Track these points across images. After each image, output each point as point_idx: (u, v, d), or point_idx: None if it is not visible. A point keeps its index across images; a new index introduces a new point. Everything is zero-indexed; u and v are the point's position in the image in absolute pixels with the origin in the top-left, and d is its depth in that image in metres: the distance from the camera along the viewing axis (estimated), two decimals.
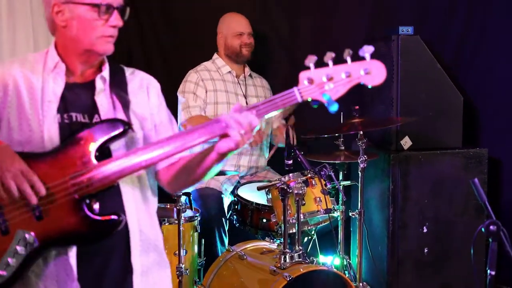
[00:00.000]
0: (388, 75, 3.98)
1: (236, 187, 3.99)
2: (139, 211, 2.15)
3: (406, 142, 4.02)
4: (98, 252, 2.08)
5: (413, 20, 4.37)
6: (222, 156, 2.02)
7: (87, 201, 2.02)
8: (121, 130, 2.06)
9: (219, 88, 4.27)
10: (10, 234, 2.00)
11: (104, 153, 2.06)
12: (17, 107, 2.09)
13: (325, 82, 1.93)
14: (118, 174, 2.01)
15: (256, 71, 4.56)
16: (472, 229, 4.06)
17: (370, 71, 1.93)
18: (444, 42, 4.40)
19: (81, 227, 2.00)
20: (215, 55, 4.42)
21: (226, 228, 3.95)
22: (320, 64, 1.95)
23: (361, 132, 3.65)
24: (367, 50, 1.93)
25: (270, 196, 3.51)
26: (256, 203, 3.70)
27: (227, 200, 4.08)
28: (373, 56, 1.94)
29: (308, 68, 1.95)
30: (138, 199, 2.16)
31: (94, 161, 2.02)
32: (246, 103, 4.27)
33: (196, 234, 3.68)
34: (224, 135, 1.97)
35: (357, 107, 3.60)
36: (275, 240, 3.67)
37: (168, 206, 3.78)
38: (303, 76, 1.95)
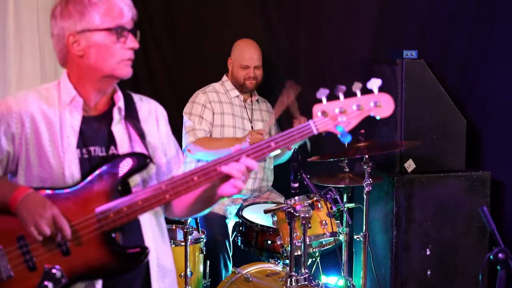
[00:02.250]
0: (392, 98, 4.06)
1: (240, 209, 4.01)
2: (156, 239, 2.17)
3: (410, 165, 4.06)
4: (120, 282, 2.09)
5: (416, 41, 4.42)
6: (224, 196, 2.06)
7: (113, 235, 2.03)
8: (142, 163, 2.07)
9: (226, 111, 4.27)
10: (38, 270, 1.99)
11: (125, 186, 2.07)
12: (35, 143, 2.06)
13: (338, 114, 1.99)
14: (146, 208, 2.02)
15: (262, 94, 4.57)
16: (475, 251, 4.10)
17: (380, 104, 2.00)
18: (447, 64, 4.45)
19: (109, 261, 2.01)
20: (225, 77, 4.40)
21: (231, 253, 3.96)
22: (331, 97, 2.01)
23: (367, 156, 3.67)
24: (375, 83, 2.00)
25: (275, 219, 3.52)
26: (261, 225, 3.72)
27: (231, 223, 4.10)
28: (379, 88, 2.00)
29: (320, 101, 2.01)
30: (154, 227, 2.18)
31: (118, 195, 2.02)
32: (252, 127, 4.29)
33: (201, 255, 3.70)
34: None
35: (362, 131, 3.62)
36: (279, 262, 3.68)
37: (174, 227, 3.80)
38: (316, 109, 2.00)
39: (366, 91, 2.02)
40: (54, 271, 1.99)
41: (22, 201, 1.96)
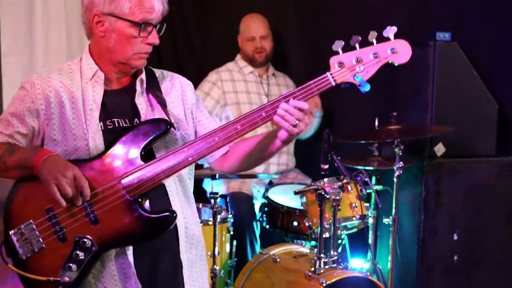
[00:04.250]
0: (424, 80, 4.01)
1: (266, 189, 3.99)
2: (184, 208, 2.20)
3: (440, 149, 4.00)
4: (151, 249, 2.12)
5: (450, 23, 4.34)
6: (286, 144, 2.09)
7: (139, 200, 2.05)
8: (163, 129, 2.09)
9: (240, 89, 4.26)
10: (68, 241, 2.03)
11: (148, 154, 2.10)
12: (60, 119, 2.10)
13: (356, 64, 2.03)
14: (168, 171, 2.05)
15: (281, 69, 4.54)
16: (503, 238, 4.05)
17: (397, 50, 2.04)
18: (479, 48, 4.36)
19: (136, 227, 2.04)
20: (238, 56, 4.43)
21: (258, 233, 3.95)
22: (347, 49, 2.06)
23: (398, 139, 3.62)
24: (390, 30, 2.05)
25: (304, 200, 3.50)
26: (288, 207, 3.70)
27: (257, 203, 4.08)
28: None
29: (336, 53, 2.05)
30: (182, 197, 2.20)
31: (142, 161, 2.06)
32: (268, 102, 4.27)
33: (228, 235, 3.68)
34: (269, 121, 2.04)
35: (395, 113, 3.58)
36: (305, 243, 3.66)
37: (200, 206, 3.78)
38: (333, 60, 2.05)
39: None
40: (84, 240, 2.02)
41: (44, 162, 2.00)
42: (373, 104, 4.16)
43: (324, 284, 3.05)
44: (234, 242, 3.78)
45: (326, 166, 3.47)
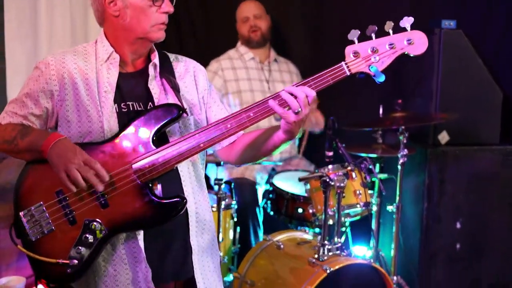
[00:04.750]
0: (429, 68, 4.00)
1: (271, 176, 3.99)
2: (196, 193, 2.19)
3: (444, 137, 4.00)
4: (161, 234, 2.12)
5: (455, 11, 4.32)
6: (289, 136, 2.04)
7: (150, 185, 2.05)
8: (176, 114, 2.08)
9: (241, 76, 4.26)
10: (78, 224, 2.03)
11: (161, 138, 2.10)
12: (74, 100, 2.10)
13: (371, 54, 2.02)
14: (179, 157, 2.05)
15: (285, 55, 4.53)
16: (506, 227, 4.06)
17: (413, 41, 2.02)
18: (485, 36, 4.35)
19: (147, 211, 2.04)
20: (239, 43, 4.42)
21: (261, 219, 3.95)
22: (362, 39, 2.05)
23: (403, 127, 3.61)
24: (407, 21, 2.02)
25: (308, 187, 3.50)
26: (292, 193, 3.70)
27: (260, 189, 4.08)
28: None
29: (352, 42, 2.03)
30: (194, 181, 2.20)
31: (153, 146, 2.05)
32: (269, 88, 4.27)
33: (232, 222, 3.69)
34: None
35: (400, 100, 3.57)
36: (308, 230, 3.66)
37: None
38: (349, 50, 2.03)
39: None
40: (94, 223, 2.02)
41: (53, 147, 1.99)
42: (378, 91, 4.14)
43: (328, 271, 3.06)
44: (238, 229, 3.78)
45: (331, 153, 3.48)
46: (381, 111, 3.77)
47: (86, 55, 2.16)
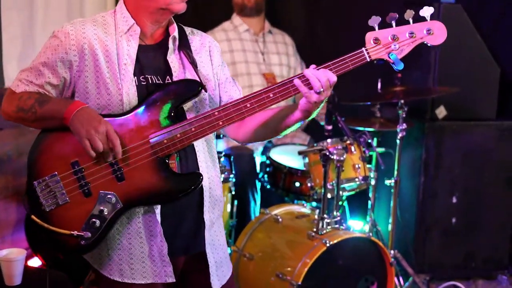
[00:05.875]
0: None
1: (267, 148, 3.97)
2: (209, 169, 2.18)
3: (441, 112, 4.00)
4: (176, 209, 2.11)
5: None
6: (306, 115, 2.03)
7: (166, 160, 2.04)
8: (195, 91, 2.07)
9: (235, 48, 4.23)
10: (93, 196, 2.01)
11: (179, 113, 2.08)
12: (94, 72, 2.06)
13: (391, 41, 2.03)
14: (197, 135, 2.04)
15: (281, 28, 4.51)
16: (501, 201, 4.10)
17: (433, 31, 2.04)
18: (483, 12, 4.33)
19: (163, 186, 2.03)
20: (234, 14, 4.38)
21: (258, 194, 3.94)
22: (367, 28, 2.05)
23: (403, 101, 3.61)
24: (427, 11, 2.04)
25: (307, 161, 3.50)
26: (290, 167, 3.70)
27: (257, 159, 4.07)
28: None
29: (372, 28, 2.04)
30: (208, 158, 2.19)
31: (171, 121, 2.04)
32: (264, 60, 4.25)
33: (230, 195, 3.68)
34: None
35: (399, 75, 3.56)
36: (306, 204, 3.67)
37: None
38: (369, 36, 2.04)
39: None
40: (109, 196, 2.01)
41: (77, 114, 1.97)
42: (377, 65, 4.13)
43: (328, 244, 3.07)
44: (235, 202, 3.78)
45: (330, 127, 3.47)
46: (379, 85, 3.75)
47: (106, 26, 2.11)
